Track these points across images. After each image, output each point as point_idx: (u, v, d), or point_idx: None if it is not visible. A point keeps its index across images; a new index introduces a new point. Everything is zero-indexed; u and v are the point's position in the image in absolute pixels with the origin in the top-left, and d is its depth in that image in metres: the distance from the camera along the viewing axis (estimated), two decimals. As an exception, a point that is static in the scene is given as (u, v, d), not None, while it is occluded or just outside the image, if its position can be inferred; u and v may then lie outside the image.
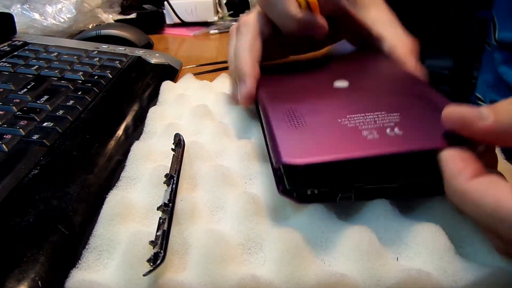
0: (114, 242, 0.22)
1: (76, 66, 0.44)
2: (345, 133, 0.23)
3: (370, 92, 0.29)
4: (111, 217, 0.23)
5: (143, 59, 0.51)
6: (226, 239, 0.22)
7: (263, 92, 0.31)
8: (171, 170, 0.26)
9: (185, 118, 0.35)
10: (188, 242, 0.22)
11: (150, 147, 0.30)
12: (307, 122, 0.25)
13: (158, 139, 0.32)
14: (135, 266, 0.20)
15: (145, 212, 0.24)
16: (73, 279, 0.20)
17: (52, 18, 0.61)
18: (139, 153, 0.29)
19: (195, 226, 0.23)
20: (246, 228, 0.23)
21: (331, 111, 0.26)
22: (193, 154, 0.29)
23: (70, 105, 0.35)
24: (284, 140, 0.23)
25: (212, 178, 0.26)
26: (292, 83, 0.32)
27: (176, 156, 0.27)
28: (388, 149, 0.21)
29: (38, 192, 0.25)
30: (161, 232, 0.21)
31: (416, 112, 0.25)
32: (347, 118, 0.24)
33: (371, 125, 0.23)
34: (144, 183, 0.26)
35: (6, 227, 0.22)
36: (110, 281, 0.20)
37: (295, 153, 0.22)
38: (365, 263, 0.20)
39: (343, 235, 0.22)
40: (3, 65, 0.42)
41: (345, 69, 0.34)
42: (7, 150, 0.28)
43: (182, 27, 0.77)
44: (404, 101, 0.26)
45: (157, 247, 0.20)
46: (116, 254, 0.21)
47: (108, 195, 0.25)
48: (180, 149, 0.28)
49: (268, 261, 0.21)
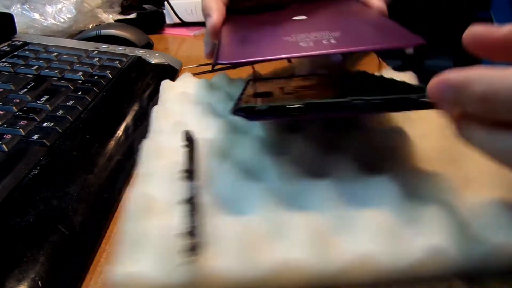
0: (143, 236, 0.22)
1: (76, 66, 0.44)
2: (283, 44, 0.26)
3: (323, 22, 0.32)
4: (137, 213, 0.23)
5: (143, 59, 0.51)
6: (252, 228, 0.23)
7: (225, 26, 0.34)
8: (187, 165, 0.27)
9: (190, 116, 0.36)
10: (215, 233, 0.22)
11: (160, 145, 0.30)
12: (251, 37, 0.29)
13: (166, 137, 0.32)
14: (172, 257, 0.20)
15: (166, 207, 0.25)
16: (116, 274, 0.20)
17: (52, 18, 0.61)
18: (149, 151, 0.30)
19: (219, 217, 0.24)
20: (270, 217, 0.23)
21: (278, 32, 0.29)
22: (205, 150, 0.29)
23: (70, 105, 0.35)
24: (225, 45, 0.27)
25: (227, 172, 0.27)
26: (254, 19, 0.36)
27: (189, 152, 0.28)
28: (315, 50, 0.24)
29: (38, 192, 0.25)
30: (192, 223, 0.21)
31: (357, 28, 0.28)
32: (291, 36, 0.27)
33: (311, 39, 0.26)
34: (160, 179, 0.27)
35: (6, 227, 0.22)
36: (151, 273, 0.20)
37: (230, 55, 0.26)
38: (387, 242, 0.21)
39: (361, 217, 0.23)
40: (3, 65, 0.42)
41: (310, 8, 0.37)
42: (7, 150, 0.28)
43: (182, 27, 0.77)
44: (350, 23, 0.30)
45: (192, 238, 0.20)
46: (148, 248, 0.22)
47: (129, 193, 0.25)
48: (192, 145, 0.28)
49: (295, 245, 0.22)
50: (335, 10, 0.36)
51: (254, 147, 0.30)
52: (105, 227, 0.25)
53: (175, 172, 0.27)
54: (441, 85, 0.18)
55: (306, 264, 0.21)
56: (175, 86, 0.42)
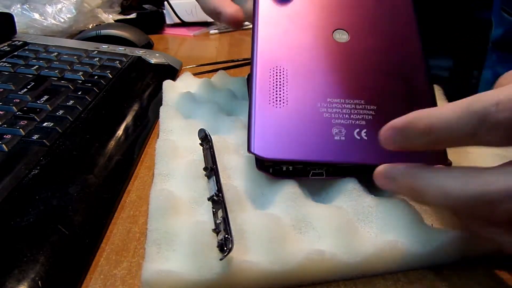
0: (171, 234, 0.22)
1: (76, 66, 0.44)
2: (317, 128, 0.26)
3: (363, 57, 0.29)
4: (162, 211, 0.24)
5: (143, 59, 0.51)
6: (279, 222, 0.23)
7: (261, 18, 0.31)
8: (207, 163, 0.27)
9: (198, 115, 0.36)
10: (243, 228, 0.23)
11: (174, 144, 0.31)
12: (288, 102, 0.27)
13: (178, 136, 0.33)
14: (202, 253, 0.21)
15: (190, 204, 0.25)
16: (148, 272, 0.20)
17: (52, 18, 0.61)
18: (164, 150, 0.30)
19: (245, 212, 0.24)
20: (292, 210, 0.24)
21: (315, 88, 0.27)
22: (220, 148, 0.30)
23: (70, 105, 0.35)
24: (260, 126, 0.26)
25: (246, 168, 0.27)
26: (290, 25, 0.31)
27: (208, 150, 0.28)
28: (347, 159, 0.25)
29: (38, 192, 0.25)
30: (221, 219, 0.22)
31: (391, 111, 0.26)
32: (327, 102, 0.27)
33: (343, 120, 0.26)
34: (180, 178, 0.27)
35: (6, 227, 0.22)
36: (182, 270, 0.20)
37: (265, 146, 0.25)
38: (413, 231, 0.22)
39: (383, 209, 0.24)
40: (3, 65, 0.42)
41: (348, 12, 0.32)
42: (7, 150, 0.28)
43: (182, 27, 0.77)
44: (385, 89, 0.28)
45: (222, 233, 0.21)
46: (176, 245, 0.22)
47: (152, 192, 0.25)
48: (210, 143, 0.28)
49: (323, 237, 0.23)
50: (373, 21, 0.31)
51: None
52: (105, 227, 0.25)
53: (194, 170, 0.27)
54: (389, 131, 0.20)
55: (338, 254, 0.21)
56: (177, 86, 0.43)
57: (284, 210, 0.24)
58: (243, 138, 0.32)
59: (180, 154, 0.30)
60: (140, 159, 0.32)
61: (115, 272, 0.22)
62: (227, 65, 0.54)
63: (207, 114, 0.36)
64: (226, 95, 0.40)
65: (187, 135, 0.32)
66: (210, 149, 0.28)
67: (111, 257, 0.23)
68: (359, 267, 0.21)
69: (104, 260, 0.23)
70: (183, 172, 0.27)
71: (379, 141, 0.21)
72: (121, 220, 0.26)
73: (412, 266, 0.22)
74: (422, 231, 0.22)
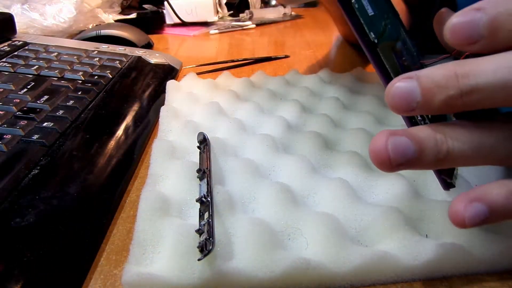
0: (157, 236, 0.22)
1: (76, 66, 0.44)
2: None
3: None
4: (151, 213, 0.23)
5: (143, 59, 0.51)
6: (268, 227, 0.23)
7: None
8: (202, 166, 0.27)
9: (199, 116, 0.36)
10: (230, 232, 0.22)
11: (172, 145, 0.31)
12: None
13: (177, 137, 0.33)
14: (185, 256, 0.20)
15: (180, 206, 0.25)
16: (128, 274, 0.20)
17: (52, 18, 0.61)
18: (161, 150, 0.30)
19: (234, 216, 0.24)
20: (283, 216, 0.24)
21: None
22: (217, 150, 0.30)
23: (70, 105, 0.35)
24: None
25: (239, 171, 0.27)
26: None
27: (204, 152, 0.28)
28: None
29: (38, 192, 0.25)
30: (206, 221, 0.21)
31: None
32: None
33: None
34: (174, 179, 0.27)
35: (6, 227, 0.22)
36: (164, 272, 0.20)
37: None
38: (404, 242, 0.21)
39: (376, 218, 0.23)
40: (3, 65, 0.42)
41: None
42: (7, 150, 0.28)
43: (182, 27, 0.77)
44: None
45: (205, 235, 0.20)
46: (161, 247, 0.22)
47: (143, 192, 0.25)
48: (207, 146, 0.28)
49: (311, 244, 0.22)
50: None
51: (264, 146, 0.30)
52: (105, 227, 0.25)
53: (188, 172, 0.27)
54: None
55: (324, 263, 0.21)
56: (181, 86, 0.43)
57: (274, 215, 0.24)
58: (241, 140, 0.32)
59: (176, 155, 0.30)
60: (140, 159, 0.32)
61: (115, 272, 0.22)
62: (227, 65, 0.54)
63: (207, 115, 0.36)
64: (229, 96, 0.40)
65: (185, 136, 0.32)
66: (207, 152, 0.28)
67: (111, 257, 0.23)
68: (346, 277, 0.21)
69: (104, 260, 0.23)
70: (177, 174, 0.27)
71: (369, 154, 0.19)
72: (121, 220, 0.26)
73: (403, 278, 0.21)
74: (414, 242, 0.21)
